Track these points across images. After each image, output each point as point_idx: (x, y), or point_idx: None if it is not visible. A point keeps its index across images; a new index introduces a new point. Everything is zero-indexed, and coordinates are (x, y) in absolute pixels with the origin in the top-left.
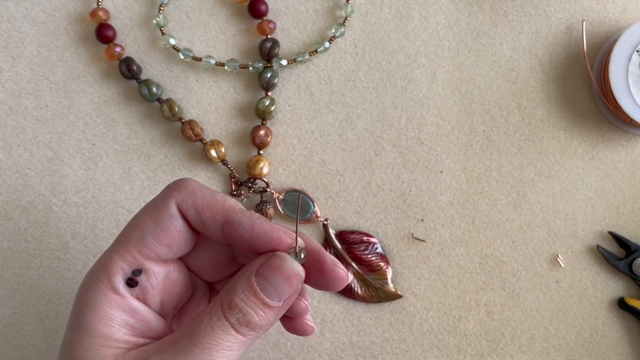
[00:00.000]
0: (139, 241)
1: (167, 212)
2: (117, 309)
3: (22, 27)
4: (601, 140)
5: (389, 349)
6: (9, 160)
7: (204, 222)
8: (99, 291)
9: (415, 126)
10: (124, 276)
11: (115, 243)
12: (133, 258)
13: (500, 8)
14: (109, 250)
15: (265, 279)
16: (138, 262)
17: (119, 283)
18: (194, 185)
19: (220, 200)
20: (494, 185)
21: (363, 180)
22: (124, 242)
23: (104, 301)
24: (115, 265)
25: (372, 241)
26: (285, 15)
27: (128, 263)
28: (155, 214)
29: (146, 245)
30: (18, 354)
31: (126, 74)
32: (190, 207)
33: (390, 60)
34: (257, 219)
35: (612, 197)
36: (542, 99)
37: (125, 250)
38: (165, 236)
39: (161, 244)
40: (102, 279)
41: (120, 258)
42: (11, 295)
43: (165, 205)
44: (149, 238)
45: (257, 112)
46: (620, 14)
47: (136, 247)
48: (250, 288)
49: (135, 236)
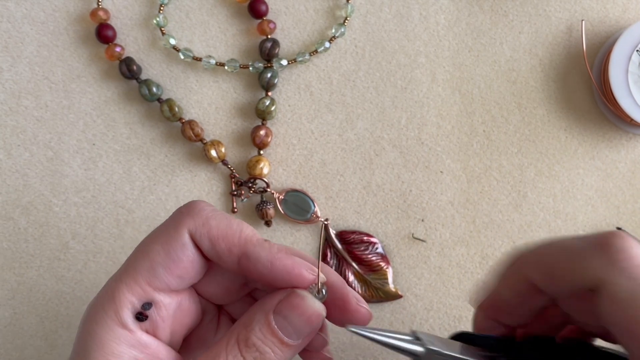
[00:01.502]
0: (148, 272)
1: (179, 242)
2: (126, 345)
3: (22, 27)
4: (601, 140)
5: (389, 349)
6: (9, 160)
7: (218, 253)
8: (106, 326)
9: (415, 126)
10: (132, 310)
11: (122, 272)
12: (142, 290)
13: (500, 8)
14: (115, 279)
15: (284, 317)
16: (148, 294)
17: (127, 317)
18: (207, 211)
19: (236, 230)
20: (494, 185)
21: (363, 180)
22: (132, 273)
23: (111, 337)
24: (124, 298)
25: (373, 241)
26: (285, 15)
27: (137, 296)
28: (166, 242)
29: (157, 277)
30: (18, 354)
31: (126, 74)
32: (204, 237)
33: (390, 60)
34: (277, 254)
35: (612, 197)
36: (542, 99)
37: (134, 282)
38: (177, 267)
39: (172, 275)
40: (109, 313)
41: (129, 290)
42: (11, 295)
43: (177, 234)
44: (160, 269)
45: (257, 112)
46: (620, 13)
47: (146, 278)
48: (269, 326)
49: (145, 267)
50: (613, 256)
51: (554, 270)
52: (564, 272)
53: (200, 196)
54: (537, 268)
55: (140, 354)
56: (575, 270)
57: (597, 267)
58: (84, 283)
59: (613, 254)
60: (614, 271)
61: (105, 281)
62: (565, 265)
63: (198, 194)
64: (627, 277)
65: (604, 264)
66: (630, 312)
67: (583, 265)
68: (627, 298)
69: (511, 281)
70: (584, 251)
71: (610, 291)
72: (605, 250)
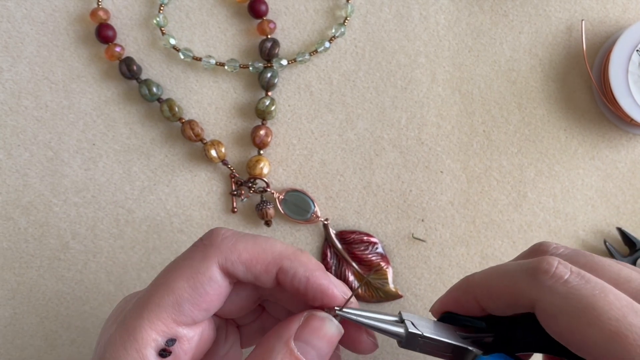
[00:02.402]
0: (174, 308)
1: (206, 276)
2: None
3: (22, 27)
4: (601, 140)
5: (389, 349)
6: (9, 160)
7: (255, 275)
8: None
9: (415, 126)
10: (155, 347)
11: (142, 308)
12: (166, 327)
13: (501, 8)
14: (135, 316)
15: (305, 342)
16: (172, 330)
17: (151, 356)
18: (230, 237)
19: (268, 249)
20: (494, 185)
21: (363, 180)
22: (155, 309)
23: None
24: (146, 336)
25: (373, 241)
26: (285, 15)
27: (160, 333)
28: (192, 277)
29: (182, 313)
30: (18, 354)
31: (126, 74)
32: (237, 264)
33: (390, 60)
34: (313, 272)
35: (612, 197)
36: (542, 99)
37: (157, 318)
38: (204, 301)
39: (199, 310)
40: (131, 352)
41: (152, 327)
42: (11, 295)
43: (205, 268)
44: (186, 305)
45: (257, 112)
46: (620, 13)
47: (171, 314)
48: (291, 354)
49: (170, 303)
50: (540, 278)
51: (496, 294)
52: (504, 296)
53: (200, 196)
54: (481, 291)
55: None
56: (513, 294)
57: (529, 290)
58: (84, 283)
59: (540, 276)
60: (543, 291)
61: (105, 282)
62: (505, 290)
63: (198, 194)
64: (553, 294)
65: (534, 286)
66: (562, 324)
67: (519, 289)
68: (557, 312)
69: (460, 300)
70: (518, 277)
71: (543, 309)
72: (534, 274)
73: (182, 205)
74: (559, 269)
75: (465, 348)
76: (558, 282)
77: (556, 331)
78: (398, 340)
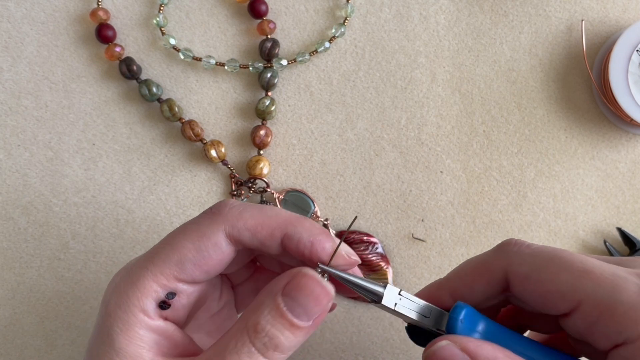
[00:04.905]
0: (176, 265)
1: (212, 241)
2: (147, 329)
3: (22, 27)
4: (601, 140)
5: (390, 349)
6: (9, 160)
7: (261, 240)
8: (129, 312)
9: (415, 126)
10: (156, 298)
11: (147, 261)
12: (168, 281)
13: (501, 8)
14: (139, 267)
15: (292, 298)
16: (172, 285)
17: (150, 305)
18: (237, 206)
19: (273, 216)
20: (494, 185)
21: (363, 180)
22: (159, 263)
23: (135, 322)
24: (149, 287)
25: (373, 241)
26: (285, 15)
27: (162, 286)
28: (198, 240)
29: (184, 271)
30: (18, 354)
31: (126, 74)
32: (243, 230)
33: (390, 60)
34: (317, 236)
35: (612, 197)
36: (542, 99)
37: (159, 272)
38: (206, 264)
39: (200, 271)
40: (133, 300)
41: (154, 279)
42: (11, 295)
43: (211, 234)
44: (189, 264)
45: (257, 112)
46: (620, 13)
47: (173, 271)
48: (277, 309)
49: (174, 260)
50: (508, 249)
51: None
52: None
53: (200, 196)
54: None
55: (159, 337)
56: (486, 272)
57: (500, 263)
58: (84, 283)
59: (508, 247)
60: (512, 258)
61: (105, 282)
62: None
63: (198, 194)
64: (522, 256)
65: (504, 258)
66: (533, 279)
67: (490, 267)
68: (527, 271)
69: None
70: (489, 257)
71: (514, 273)
72: (501, 248)
73: (182, 205)
74: (521, 240)
75: (441, 310)
76: (523, 247)
77: (531, 289)
78: (377, 298)
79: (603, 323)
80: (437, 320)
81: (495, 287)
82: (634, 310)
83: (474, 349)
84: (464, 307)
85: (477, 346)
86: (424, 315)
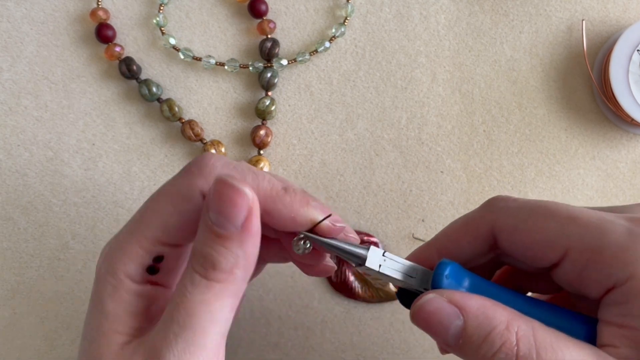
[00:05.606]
0: (160, 229)
1: (192, 203)
2: (134, 294)
3: (21, 27)
4: (602, 140)
5: (390, 349)
6: (8, 160)
7: None
8: (116, 277)
9: (415, 126)
10: (141, 263)
11: (132, 226)
12: (152, 245)
13: (501, 8)
14: (126, 232)
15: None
16: (158, 249)
17: (136, 269)
18: (218, 166)
19: (252, 185)
20: (494, 185)
21: (363, 180)
22: (144, 229)
23: (121, 286)
24: (134, 252)
25: (373, 241)
26: (285, 15)
27: (147, 250)
28: (178, 203)
29: (168, 235)
30: (18, 354)
31: (126, 73)
32: None
33: (390, 60)
34: (299, 209)
35: (613, 197)
36: (542, 98)
37: (144, 238)
38: (189, 227)
39: (183, 233)
40: (119, 265)
41: (139, 244)
42: (11, 295)
43: (190, 194)
44: (171, 228)
45: (257, 112)
46: (620, 13)
47: (156, 234)
48: (206, 226)
49: (156, 224)
50: (495, 204)
51: (458, 236)
52: (465, 235)
53: None
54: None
55: (148, 302)
56: (473, 229)
57: (487, 218)
58: (83, 283)
59: (494, 202)
60: (499, 212)
61: None
62: (465, 228)
63: None
64: (508, 210)
65: (491, 212)
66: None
67: (477, 223)
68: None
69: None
70: (475, 214)
71: (502, 227)
72: (488, 204)
73: None
74: (509, 196)
75: (426, 270)
76: (510, 201)
77: (518, 241)
78: (360, 261)
79: (592, 268)
80: (424, 280)
81: (482, 243)
82: (622, 251)
83: (461, 299)
84: (448, 263)
85: (464, 296)
86: (409, 275)
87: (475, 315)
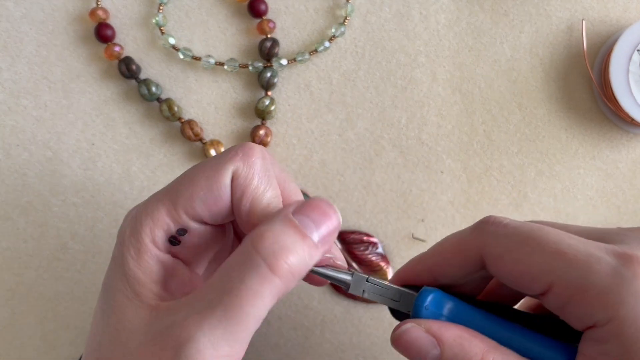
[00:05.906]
0: (190, 200)
1: (222, 183)
2: (156, 261)
3: (21, 27)
4: (602, 140)
5: (390, 349)
6: (7, 160)
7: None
8: (141, 240)
9: (415, 126)
10: (167, 230)
11: (165, 193)
12: (179, 216)
13: (501, 7)
14: (156, 198)
15: (303, 214)
16: (183, 221)
17: (160, 238)
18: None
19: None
20: (494, 185)
21: (363, 180)
22: (174, 197)
23: (145, 250)
24: (162, 219)
25: (373, 241)
26: (285, 15)
27: (173, 220)
28: (210, 177)
29: (193, 208)
30: (17, 354)
31: (125, 73)
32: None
33: (390, 59)
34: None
35: (613, 197)
36: (542, 98)
37: (172, 206)
38: (215, 205)
39: (209, 212)
40: (145, 229)
41: (167, 212)
42: (10, 295)
43: (224, 174)
44: (198, 202)
45: (256, 112)
46: (620, 13)
47: (184, 206)
48: (286, 219)
49: (187, 194)
50: (484, 228)
51: (447, 256)
52: (454, 256)
53: None
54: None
55: (167, 273)
56: (462, 250)
57: (476, 242)
58: (83, 283)
59: (484, 226)
60: (488, 237)
61: None
62: (454, 249)
63: None
64: (497, 236)
65: (480, 236)
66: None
67: (466, 245)
68: (502, 251)
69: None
70: (465, 234)
71: (490, 253)
72: (478, 227)
73: None
74: (500, 218)
75: (409, 293)
76: (500, 226)
77: (505, 270)
78: (345, 287)
79: (575, 304)
80: (408, 303)
81: (472, 265)
82: (605, 293)
83: (438, 329)
84: (430, 291)
85: (442, 326)
86: (393, 299)
87: (452, 346)
